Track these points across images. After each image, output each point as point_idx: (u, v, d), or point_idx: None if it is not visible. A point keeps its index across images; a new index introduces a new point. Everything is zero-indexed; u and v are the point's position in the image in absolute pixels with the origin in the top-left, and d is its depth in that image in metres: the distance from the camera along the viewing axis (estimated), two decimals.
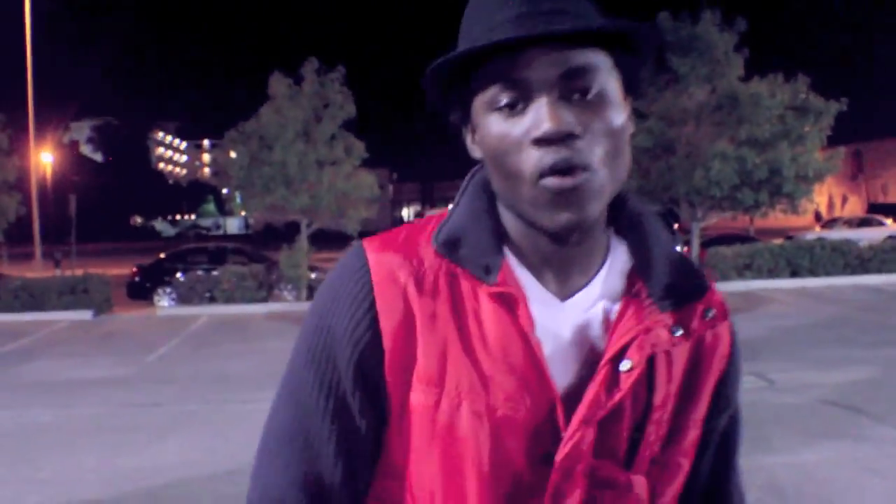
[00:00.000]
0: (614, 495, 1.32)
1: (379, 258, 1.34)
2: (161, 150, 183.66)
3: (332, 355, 1.33)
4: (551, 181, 1.20)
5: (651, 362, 1.32)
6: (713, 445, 1.48)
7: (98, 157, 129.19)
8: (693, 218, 24.80)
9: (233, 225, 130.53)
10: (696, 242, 24.54)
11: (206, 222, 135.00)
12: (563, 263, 1.33)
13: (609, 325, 1.33)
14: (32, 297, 22.65)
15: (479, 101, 1.27)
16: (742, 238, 27.80)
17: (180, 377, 13.47)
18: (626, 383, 1.28)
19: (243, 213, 30.96)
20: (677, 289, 1.36)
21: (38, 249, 35.48)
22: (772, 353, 13.34)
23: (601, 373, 1.28)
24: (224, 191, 30.96)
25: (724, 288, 22.38)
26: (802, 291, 21.78)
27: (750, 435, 7.59)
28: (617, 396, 1.28)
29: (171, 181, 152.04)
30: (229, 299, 22.87)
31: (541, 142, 1.20)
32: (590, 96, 1.23)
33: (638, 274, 1.36)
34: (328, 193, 23.60)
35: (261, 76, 24.92)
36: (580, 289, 1.34)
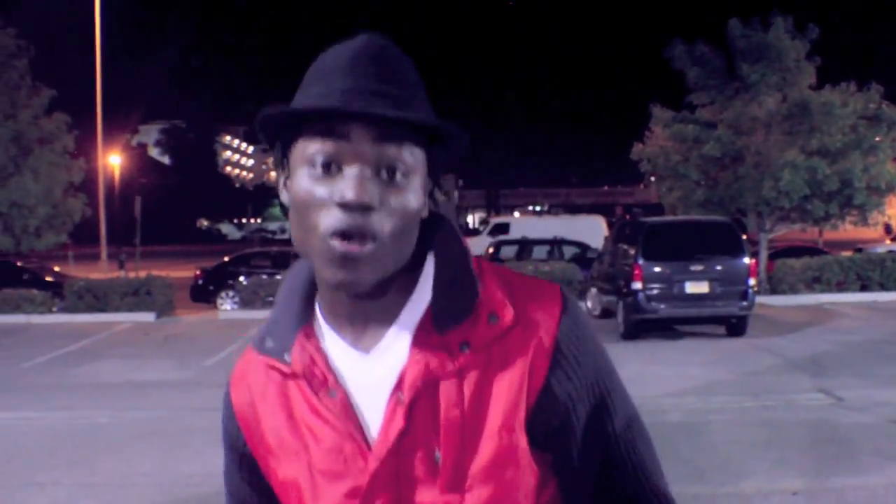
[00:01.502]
0: None
1: (239, 366, 1.59)
2: (228, 153, 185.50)
3: (228, 448, 1.59)
4: (338, 243, 1.32)
5: (437, 387, 1.39)
6: (557, 459, 1.46)
7: (166, 159, 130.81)
8: (761, 229, 24.48)
9: None
10: (763, 254, 24.19)
11: (272, 226, 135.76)
12: (362, 317, 1.43)
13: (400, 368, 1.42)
14: (96, 299, 22.85)
15: (299, 153, 1.38)
16: (811, 250, 27.33)
17: None
18: (399, 415, 1.38)
19: None
20: (452, 307, 1.42)
21: (103, 251, 35.95)
22: (840, 369, 13.06)
23: (388, 409, 1.40)
24: None
25: (792, 301, 22.06)
26: (873, 306, 21.35)
27: (817, 454, 7.36)
28: (395, 429, 1.38)
29: (237, 185, 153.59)
30: None
31: (342, 206, 1.32)
32: (396, 178, 1.36)
33: (430, 303, 1.44)
34: None
35: None
36: (380, 339, 1.43)
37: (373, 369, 1.43)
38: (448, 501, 1.40)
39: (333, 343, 1.46)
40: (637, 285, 16.47)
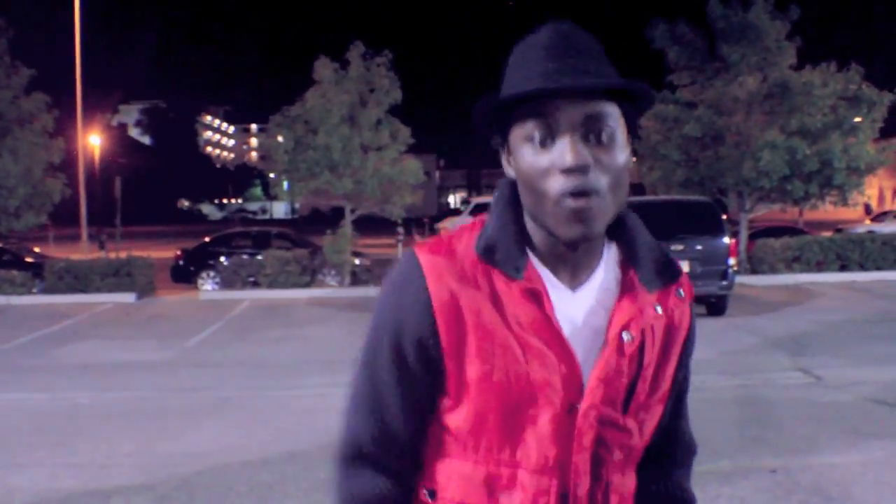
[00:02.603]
0: (615, 433, 1.72)
1: (430, 262, 1.71)
2: (209, 133, 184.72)
3: (399, 340, 1.71)
4: (569, 202, 1.59)
5: (642, 334, 1.72)
6: (673, 395, 1.88)
7: (146, 140, 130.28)
8: (741, 209, 24.55)
9: (279, 209, 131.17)
10: (744, 234, 24.27)
11: (253, 206, 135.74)
12: (573, 263, 1.72)
13: (608, 307, 1.73)
14: (76, 279, 22.77)
15: (517, 133, 1.66)
16: (791, 230, 27.37)
17: (220, 362, 13.45)
18: (628, 350, 1.70)
19: (289, 198, 31.23)
20: (660, 274, 1.77)
21: (84, 231, 35.77)
22: (819, 348, 13.14)
23: (611, 343, 1.68)
24: (271, 175, 30.98)
25: (772, 281, 22.18)
26: (852, 285, 21.47)
27: (796, 433, 7.40)
28: (622, 361, 1.69)
29: (218, 165, 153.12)
30: (272, 284, 22.86)
31: (564, 171, 1.58)
32: (602, 139, 1.61)
33: (629, 264, 1.77)
34: (373, 179, 23.50)
35: (309, 60, 24.86)
36: (586, 281, 1.74)
37: (578, 305, 1.72)
38: (633, 427, 1.74)
39: (547, 278, 1.71)
40: None
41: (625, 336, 1.69)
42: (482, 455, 1.71)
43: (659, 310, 1.75)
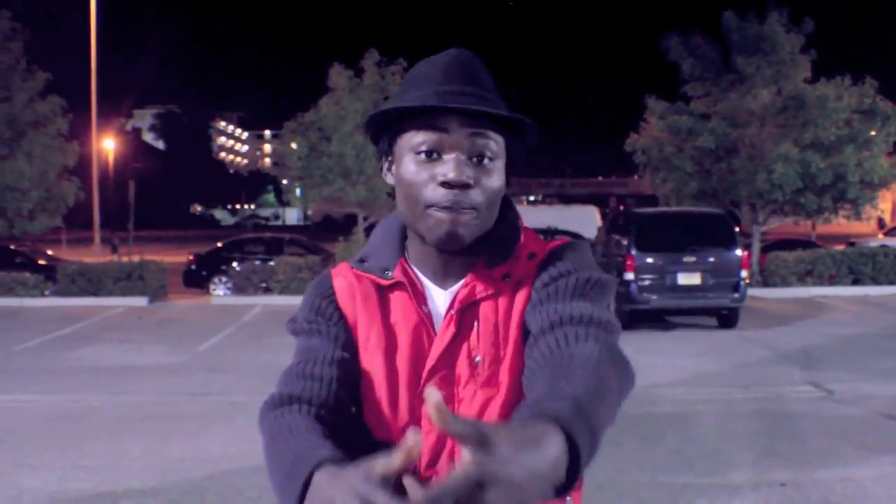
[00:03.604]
0: (463, 406, 1.79)
1: (335, 274, 1.97)
2: (222, 139, 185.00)
3: (318, 314, 1.91)
4: (441, 214, 1.73)
5: (478, 306, 1.83)
6: (541, 337, 1.72)
7: (160, 144, 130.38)
8: (754, 221, 24.51)
9: (291, 216, 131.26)
10: (756, 246, 24.21)
11: (266, 212, 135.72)
12: (445, 265, 1.86)
13: None
14: (89, 283, 22.83)
15: (405, 143, 1.78)
16: (804, 243, 27.33)
17: (231, 367, 13.47)
18: (452, 324, 1.81)
19: (302, 205, 31.37)
20: (500, 249, 1.86)
21: (97, 235, 35.88)
22: (830, 362, 13.10)
23: (444, 320, 1.83)
24: (284, 181, 31.11)
25: (784, 294, 22.13)
26: (864, 300, 21.39)
27: (806, 447, 7.39)
28: (448, 334, 1.81)
29: (231, 171, 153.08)
30: (284, 290, 22.88)
31: (445, 183, 1.72)
32: (484, 162, 1.75)
33: (484, 252, 1.86)
34: (386, 186, 23.54)
35: (323, 67, 24.96)
36: (458, 281, 1.86)
37: (445, 300, 1.86)
38: (487, 395, 1.79)
39: (421, 277, 1.89)
40: (630, 276, 16.50)
41: (451, 312, 1.82)
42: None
43: (507, 278, 1.84)
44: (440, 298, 1.87)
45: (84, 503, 7.12)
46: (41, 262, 25.55)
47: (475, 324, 1.82)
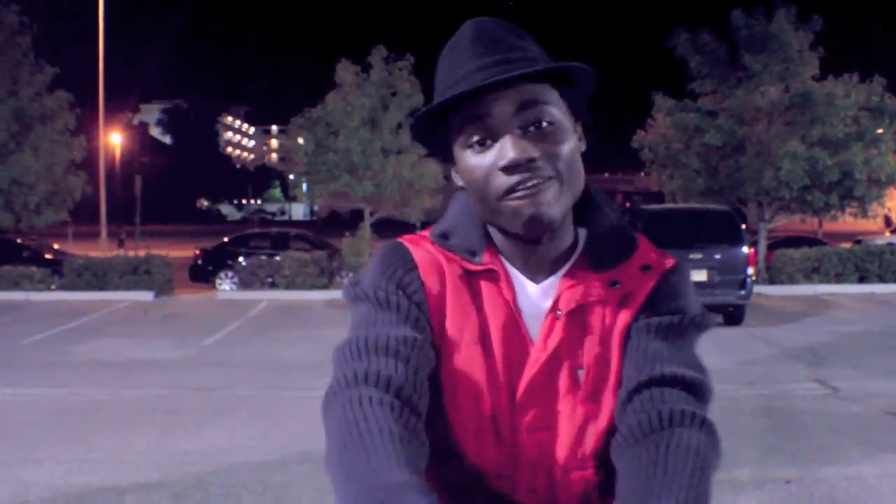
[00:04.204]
0: (561, 422, 1.66)
1: (412, 246, 1.73)
2: (229, 134, 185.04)
3: (396, 283, 1.66)
4: (517, 199, 1.56)
5: (585, 312, 1.67)
6: (640, 356, 1.66)
7: (167, 139, 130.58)
8: (761, 219, 24.50)
9: (298, 211, 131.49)
10: (763, 244, 24.21)
11: (272, 207, 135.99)
12: (537, 257, 1.69)
13: None
14: (95, 277, 22.88)
15: (457, 142, 1.63)
16: (810, 241, 27.31)
17: (237, 362, 13.48)
18: (559, 327, 1.65)
19: (308, 200, 31.42)
20: (609, 254, 1.70)
21: (103, 229, 35.95)
22: (836, 360, 13.09)
23: (545, 323, 1.66)
24: (290, 177, 31.13)
25: (790, 291, 22.13)
26: (870, 297, 21.38)
27: (811, 444, 7.38)
28: (554, 339, 1.65)
29: (238, 166, 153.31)
30: (290, 285, 22.91)
31: (506, 168, 1.55)
32: (543, 127, 1.57)
33: (585, 248, 1.72)
34: (392, 182, 23.60)
35: (330, 63, 24.96)
36: (552, 273, 1.70)
37: (541, 297, 1.69)
38: (587, 410, 1.66)
39: (510, 268, 1.70)
40: None
41: (557, 313, 1.66)
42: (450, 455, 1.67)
43: (616, 286, 1.68)
44: (532, 293, 1.69)
45: (89, 497, 7.12)
46: (48, 256, 25.63)
47: (581, 331, 1.67)
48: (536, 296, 1.69)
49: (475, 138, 1.58)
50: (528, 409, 1.65)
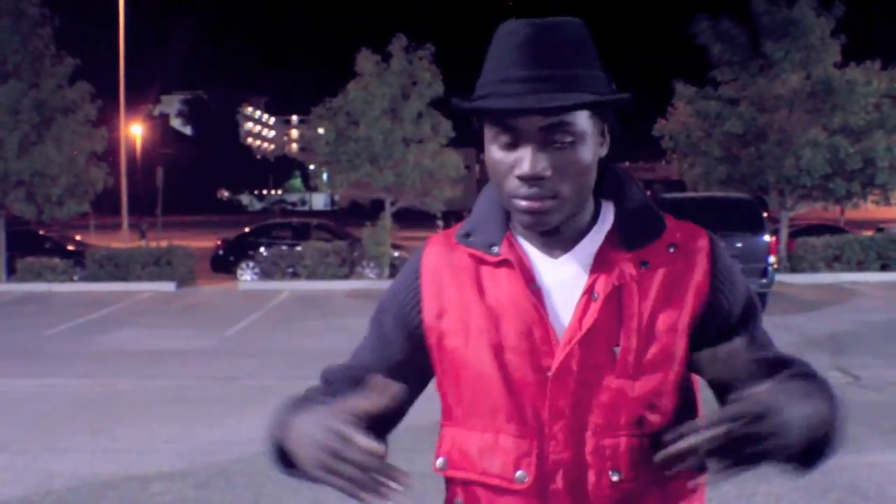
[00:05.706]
0: (599, 395, 1.73)
1: (431, 243, 1.96)
2: (250, 125, 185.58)
3: (388, 307, 1.96)
4: (522, 203, 1.70)
5: (618, 291, 1.75)
6: (724, 336, 1.79)
7: (187, 130, 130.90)
8: (782, 207, 24.41)
9: (318, 201, 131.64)
10: (784, 232, 24.12)
11: (292, 198, 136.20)
12: (552, 238, 1.81)
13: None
14: (117, 268, 23.00)
15: (487, 132, 1.75)
16: (832, 229, 27.19)
17: (259, 352, 13.53)
18: (595, 309, 1.73)
19: (329, 190, 31.58)
20: (640, 233, 1.80)
21: (125, 220, 36.05)
22: (858, 348, 13.04)
23: (579, 304, 1.75)
24: (311, 167, 31.18)
25: (812, 280, 22.04)
26: (892, 286, 21.28)
27: None
28: (589, 321, 1.72)
29: (258, 156, 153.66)
30: (311, 275, 22.97)
31: (520, 178, 1.69)
32: (566, 141, 1.67)
33: (615, 227, 1.81)
34: (413, 172, 23.59)
35: (351, 52, 24.94)
36: (571, 248, 1.81)
37: (561, 271, 1.80)
38: (621, 386, 1.73)
39: (528, 249, 1.83)
40: None
41: (593, 296, 1.74)
42: (470, 421, 1.81)
43: (646, 265, 1.77)
44: (552, 270, 1.81)
45: (113, 486, 7.17)
46: (70, 247, 25.76)
47: (616, 311, 1.74)
48: (556, 271, 1.80)
49: (502, 139, 1.70)
50: (561, 383, 1.73)
